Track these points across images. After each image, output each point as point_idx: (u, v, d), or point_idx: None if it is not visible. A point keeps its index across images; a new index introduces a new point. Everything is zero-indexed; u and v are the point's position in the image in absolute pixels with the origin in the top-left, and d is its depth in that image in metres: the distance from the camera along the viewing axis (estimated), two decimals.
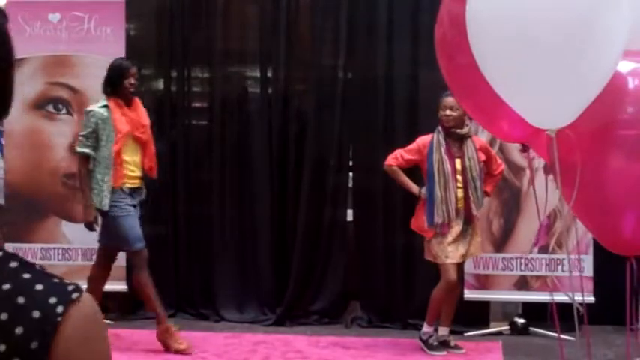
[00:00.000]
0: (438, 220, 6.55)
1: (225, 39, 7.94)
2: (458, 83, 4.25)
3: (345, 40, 7.72)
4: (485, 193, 6.82)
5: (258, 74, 7.96)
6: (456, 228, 6.61)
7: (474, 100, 4.21)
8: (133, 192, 6.59)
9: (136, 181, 6.62)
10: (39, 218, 7.57)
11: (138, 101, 6.71)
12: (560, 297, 6.66)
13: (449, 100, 6.48)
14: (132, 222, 6.50)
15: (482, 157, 6.71)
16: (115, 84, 6.52)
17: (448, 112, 6.57)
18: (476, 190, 6.62)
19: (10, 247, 7.63)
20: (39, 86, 7.56)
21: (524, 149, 4.33)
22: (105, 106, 6.50)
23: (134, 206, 6.59)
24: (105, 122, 6.45)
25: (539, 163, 7.16)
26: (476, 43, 3.84)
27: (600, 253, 6.44)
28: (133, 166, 6.56)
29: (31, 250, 7.55)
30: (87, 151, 6.46)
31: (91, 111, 6.51)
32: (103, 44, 7.52)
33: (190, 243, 7.84)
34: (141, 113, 6.66)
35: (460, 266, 6.83)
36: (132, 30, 7.88)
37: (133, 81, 6.55)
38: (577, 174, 3.91)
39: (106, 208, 6.43)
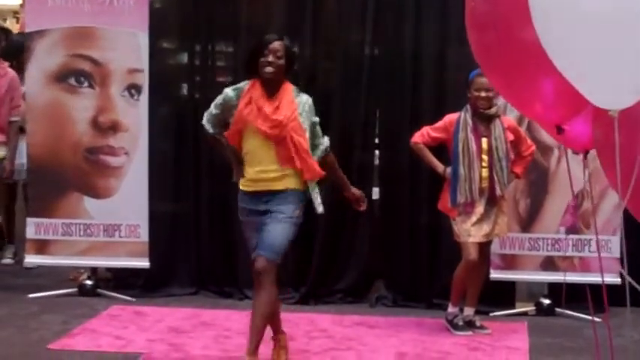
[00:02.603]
0: (460, 199, 6.47)
1: (251, 14, 7.84)
2: (497, 60, 4.09)
3: (371, 16, 7.60)
4: (516, 175, 6.72)
5: None
6: (480, 208, 6.52)
7: (514, 77, 4.07)
8: None
9: None
10: (61, 193, 7.51)
11: None
12: (587, 278, 6.60)
13: (483, 81, 6.36)
14: None
15: (511, 136, 6.60)
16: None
17: (484, 93, 6.45)
18: (501, 170, 6.52)
19: (31, 222, 7.59)
20: (60, 59, 7.47)
21: (560, 131, 4.20)
22: None
23: None
24: None
25: None
26: (540, 18, 3.69)
27: (629, 234, 6.33)
28: None
29: (52, 226, 7.50)
30: None
31: None
32: (126, 16, 7.43)
33: (213, 221, 7.76)
34: None
35: (486, 246, 6.74)
36: (156, 2, 7.77)
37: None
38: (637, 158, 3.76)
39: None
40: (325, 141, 5.70)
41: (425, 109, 7.49)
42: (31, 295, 7.45)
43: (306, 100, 5.54)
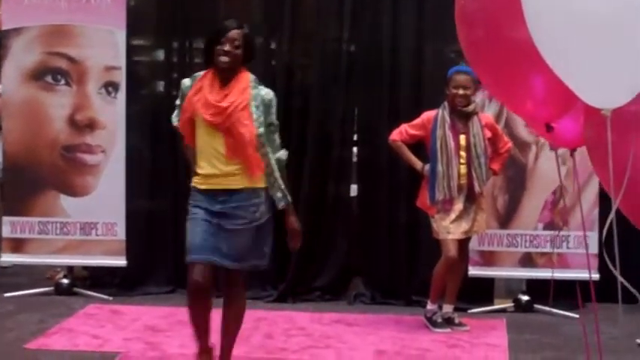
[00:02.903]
0: (439, 196, 6.47)
1: (228, 10, 7.81)
2: (487, 57, 4.07)
3: (349, 13, 7.60)
4: (493, 172, 6.73)
5: (261, 45, 7.83)
6: (459, 205, 6.52)
7: (504, 74, 4.05)
8: None
9: None
10: (37, 191, 7.46)
11: None
12: (565, 274, 6.62)
13: (462, 78, 6.37)
14: None
15: (489, 133, 6.60)
16: None
17: (462, 91, 6.45)
18: (480, 167, 6.52)
19: (7, 221, 7.54)
20: (37, 56, 7.43)
21: (550, 129, 4.18)
22: None
23: None
24: None
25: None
26: (533, 16, 3.67)
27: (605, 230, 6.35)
28: None
29: (28, 224, 7.45)
30: None
31: None
32: (103, 14, 7.39)
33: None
34: None
35: (465, 243, 6.75)
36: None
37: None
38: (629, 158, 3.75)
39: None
40: (281, 154, 5.19)
41: (403, 106, 7.49)
42: (6, 295, 7.41)
43: (265, 94, 5.10)
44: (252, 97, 5.04)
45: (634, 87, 3.68)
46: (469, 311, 7.18)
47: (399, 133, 6.68)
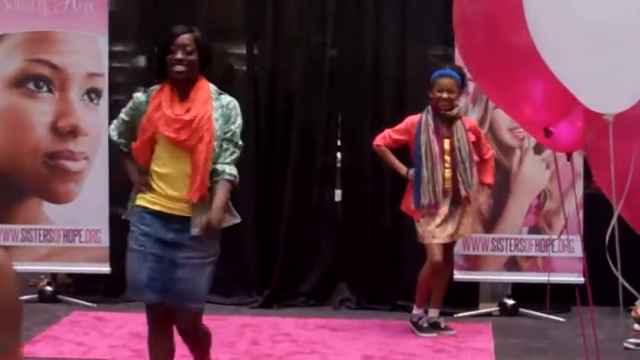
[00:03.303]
0: (424, 200, 6.46)
1: (211, 15, 7.80)
2: (486, 61, 4.05)
3: (332, 17, 7.60)
4: (488, 186, 6.73)
5: (244, 51, 7.83)
6: (444, 208, 6.51)
7: (503, 79, 4.03)
8: None
9: None
10: (20, 198, 7.41)
11: None
12: (551, 278, 6.62)
13: (446, 81, 6.37)
14: None
15: (473, 137, 6.60)
16: None
17: (445, 94, 6.43)
18: (465, 171, 6.51)
19: None
20: (18, 63, 7.38)
21: (548, 134, 4.17)
22: None
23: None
24: None
25: (530, 142, 7.09)
26: (535, 21, 3.66)
27: (589, 234, 6.36)
28: None
29: (11, 232, 7.40)
30: None
31: None
32: (85, 20, 7.36)
33: None
34: None
35: (450, 247, 6.74)
36: (114, 5, 7.70)
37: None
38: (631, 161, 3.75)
39: None
40: (232, 170, 4.61)
41: (386, 111, 7.49)
42: None
43: (227, 103, 4.65)
44: (214, 108, 4.59)
45: (636, 92, 3.68)
46: (455, 315, 7.17)
47: (383, 138, 6.67)
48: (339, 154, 7.80)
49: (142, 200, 4.64)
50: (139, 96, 4.72)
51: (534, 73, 3.79)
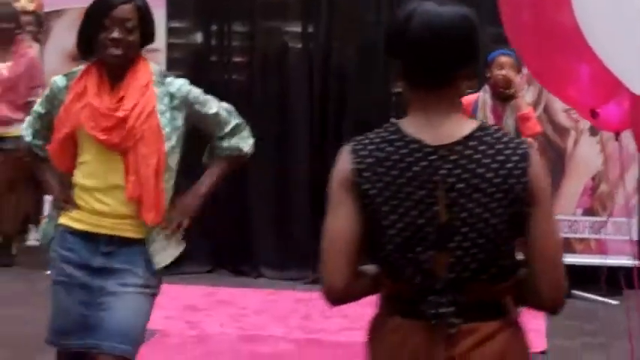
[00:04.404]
0: None
1: None
2: (530, 41, 4.05)
3: None
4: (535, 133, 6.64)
5: (299, 29, 7.86)
6: None
7: (549, 60, 4.03)
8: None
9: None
10: None
11: None
12: (606, 261, 6.60)
13: (505, 60, 6.34)
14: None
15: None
16: None
17: (504, 72, 6.41)
18: None
19: (49, 199, 7.57)
20: None
21: (595, 115, 4.17)
22: None
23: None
24: None
25: (585, 124, 7.04)
26: (580, 2, 3.66)
27: None
28: None
29: None
30: None
31: None
32: None
33: (229, 199, 7.76)
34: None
35: None
36: None
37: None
38: None
39: None
40: (246, 143, 3.83)
41: None
42: (49, 272, 7.46)
43: (177, 88, 3.60)
44: (158, 98, 3.55)
45: None
46: None
47: None
48: None
49: (65, 218, 3.63)
50: (56, 80, 3.64)
51: (580, 56, 3.79)
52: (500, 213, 2.37)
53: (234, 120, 3.76)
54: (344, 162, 2.57)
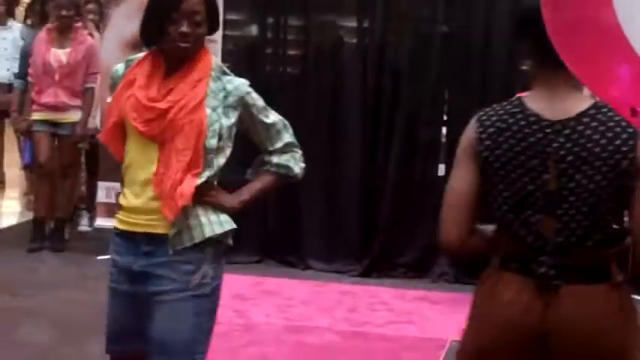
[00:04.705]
0: None
1: None
2: (573, 40, 4.06)
3: None
4: None
5: (354, 24, 7.90)
6: None
7: (589, 58, 4.03)
8: None
9: None
10: None
11: None
12: None
13: None
14: None
15: None
16: None
17: None
18: None
19: (102, 186, 7.69)
20: (136, 26, 7.50)
21: (635, 113, 4.16)
22: None
23: None
24: None
25: None
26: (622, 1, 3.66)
27: None
28: None
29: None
30: None
31: None
32: None
33: (279, 191, 7.79)
34: None
35: None
36: None
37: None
38: None
39: None
40: (297, 165, 3.73)
41: (494, 87, 7.47)
42: (99, 257, 7.57)
43: (235, 86, 3.43)
44: (211, 92, 3.35)
45: None
46: None
47: None
48: (444, 129, 7.82)
49: (116, 217, 3.45)
50: (117, 68, 3.50)
51: (623, 55, 3.77)
52: (605, 185, 2.67)
53: (290, 137, 3.59)
54: (470, 130, 2.99)
